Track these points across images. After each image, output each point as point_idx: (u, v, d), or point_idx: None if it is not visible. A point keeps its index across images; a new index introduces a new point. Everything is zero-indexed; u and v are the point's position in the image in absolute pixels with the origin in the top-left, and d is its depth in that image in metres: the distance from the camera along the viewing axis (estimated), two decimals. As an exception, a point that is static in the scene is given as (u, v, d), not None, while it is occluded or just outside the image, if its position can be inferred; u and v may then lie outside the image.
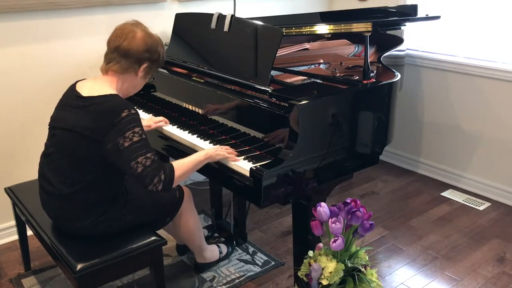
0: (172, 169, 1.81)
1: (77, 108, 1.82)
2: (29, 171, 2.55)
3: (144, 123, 2.26)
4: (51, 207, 1.95)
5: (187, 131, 2.26)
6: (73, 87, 1.92)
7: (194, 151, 2.11)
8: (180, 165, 1.85)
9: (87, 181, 1.84)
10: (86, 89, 1.85)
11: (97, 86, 1.86)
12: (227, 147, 2.00)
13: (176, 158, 2.34)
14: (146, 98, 2.71)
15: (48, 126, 1.96)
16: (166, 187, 1.78)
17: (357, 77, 2.29)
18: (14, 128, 2.68)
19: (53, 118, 1.94)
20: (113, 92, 1.84)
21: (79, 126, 1.79)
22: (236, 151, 1.98)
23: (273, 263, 2.58)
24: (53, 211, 1.95)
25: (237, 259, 2.61)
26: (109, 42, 1.91)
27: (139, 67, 1.91)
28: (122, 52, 1.87)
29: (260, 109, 1.99)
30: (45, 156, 1.96)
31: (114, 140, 1.74)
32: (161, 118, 2.36)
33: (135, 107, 1.82)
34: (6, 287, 2.40)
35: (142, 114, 2.50)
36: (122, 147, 1.74)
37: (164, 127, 2.33)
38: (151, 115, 2.49)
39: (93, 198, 1.86)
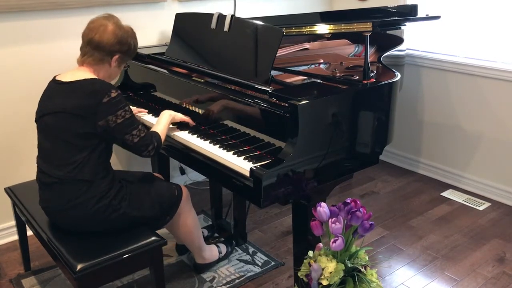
0: (159, 136, 2.09)
1: (64, 92, 1.93)
2: (29, 171, 2.55)
3: None
4: (52, 199, 1.96)
5: (187, 131, 2.25)
6: (53, 80, 2.02)
7: (195, 151, 2.12)
8: (162, 131, 2.13)
9: (78, 161, 1.90)
10: (68, 77, 1.97)
11: (78, 74, 1.98)
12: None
13: (176, 158, 2.36)
14: (146, 98, 2.71)
15: (35, 121, 2.02)
16: (156, 152, 2.06)
17: (357, 77, 2.29)
18: (14, 128, 2.68)
19: (38, 111, 2.02)
20: (95, 78, 1.97)
21: (68, 106, 1.89)
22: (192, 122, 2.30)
23: (273, 263, 2.58)
24: (53, 204, 1.96)
25: (237, 259, 2.61)
26: (83, 36, 2.02)
27: (111, 58, 2.02)
28: (94, 45, 1.98)
29: (260, 109, 1.99)
30: (38, 151, 2.03)
31: (106, 117, 1.88)
32: (141, 109, 2.54)
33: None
34: (6, 287, 2.40)
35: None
36: (114, 124, 1.90)
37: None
38: (134, 107, 2.54)
39: (87, 177, 1.91)
